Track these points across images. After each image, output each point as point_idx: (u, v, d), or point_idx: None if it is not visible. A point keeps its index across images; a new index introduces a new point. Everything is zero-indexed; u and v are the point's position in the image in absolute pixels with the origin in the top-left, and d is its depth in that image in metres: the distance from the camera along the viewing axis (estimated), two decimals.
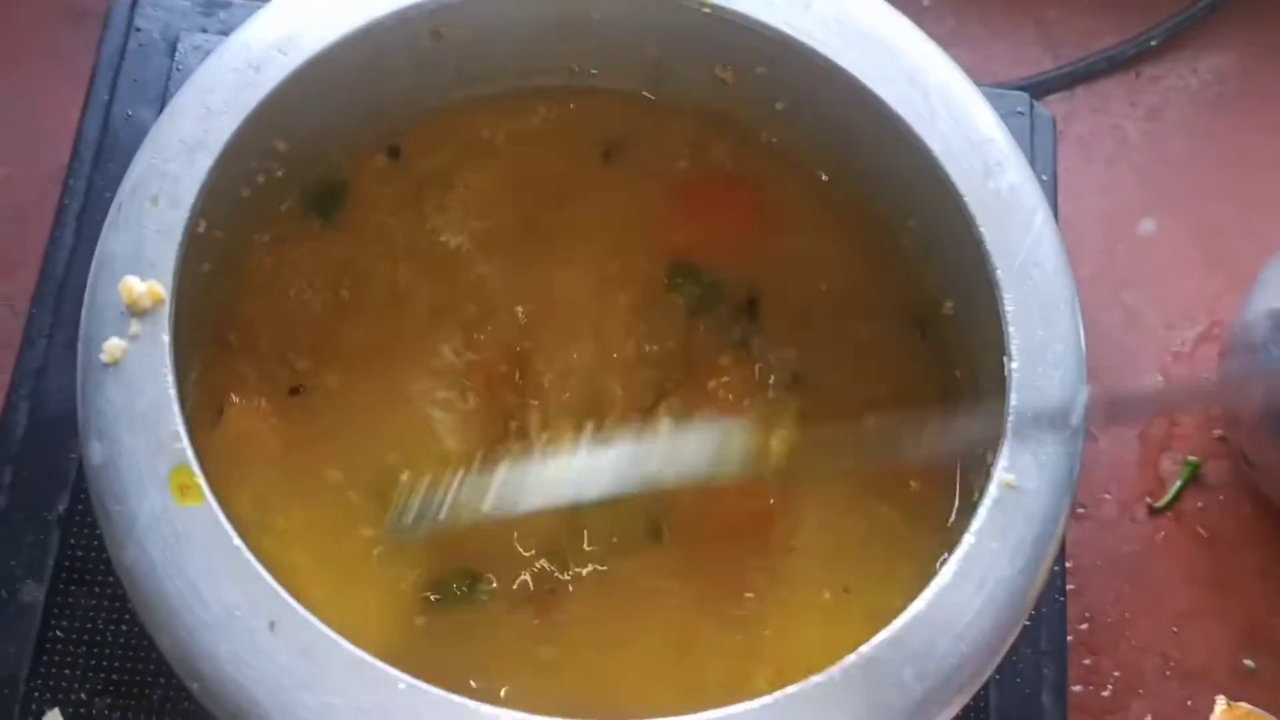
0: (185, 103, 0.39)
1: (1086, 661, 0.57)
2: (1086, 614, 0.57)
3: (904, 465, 0.45)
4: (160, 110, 0.54)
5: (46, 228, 0.57)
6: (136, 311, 0.37)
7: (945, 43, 0.45)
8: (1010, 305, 0.39)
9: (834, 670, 0.35)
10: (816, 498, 0.45)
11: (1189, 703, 0.56)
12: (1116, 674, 0.57)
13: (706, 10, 0.43)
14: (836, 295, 0.48)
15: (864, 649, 0.36)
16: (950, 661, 0.36)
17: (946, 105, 0.41)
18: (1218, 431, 0.61)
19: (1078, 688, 0.56)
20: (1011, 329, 0.39)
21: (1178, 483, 0.60)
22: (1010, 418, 0.38)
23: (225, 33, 0.55)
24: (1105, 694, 0.56)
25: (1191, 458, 0.60)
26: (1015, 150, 0.41)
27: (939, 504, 0.43)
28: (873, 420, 0.46)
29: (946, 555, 0.40)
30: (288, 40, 0.40)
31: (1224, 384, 0.35)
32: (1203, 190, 0.66)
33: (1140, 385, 0.61)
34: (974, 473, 0.43)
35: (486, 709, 0.34)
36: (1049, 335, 0.39)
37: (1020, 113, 0.57)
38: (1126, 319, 0.63)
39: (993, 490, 0.38)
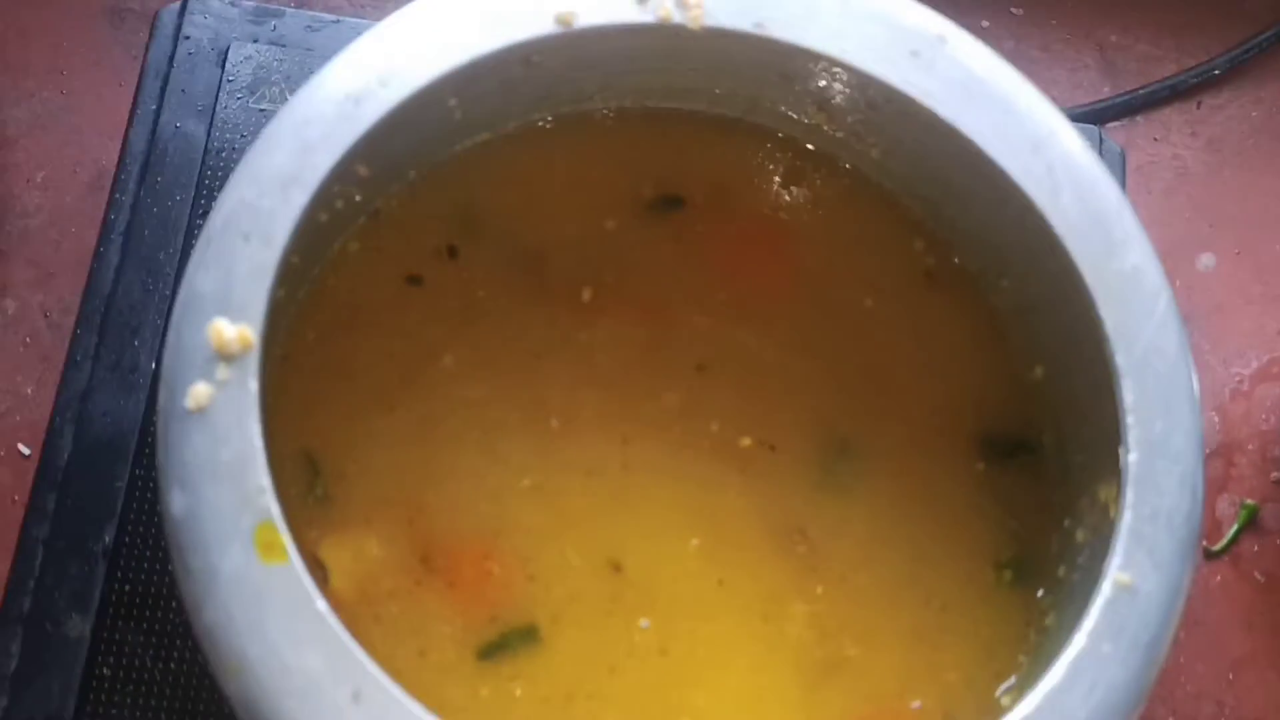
0: (279, 134, 0.37)
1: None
2: None
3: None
4: (210, 123, 0.53)
5: (84, 235, 0.56)
6: (225, 356, 0.35)
7: None
8: (1129, 394, 0.38)
9: None
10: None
11: None
12: None
13: (821, 63, 0.41)
14: (912, 352, 0.47)
15: None
16: None
17: (1071, 178, 0.40)
18: (1275, 474, 0.60)
19: None
20: (1130, 419, 0.38)
21: (1235, 526, 0.59)
22: (1126, 513, 0.37)
23: (277, 44, 0.54)
24: None
25: (1249, 500, 0.59)
26: (1138, 228, 0.40)
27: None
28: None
29: (1035, 632, 0.40)
30: (388, 73, 0.38)
31: None
32: (1263, 224, 0.65)
33: None
34: (1061, 546, 0.42)
35: None
36: (1169, 428, 0.38)
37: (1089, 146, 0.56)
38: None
39: (1106, 589, 0.37)
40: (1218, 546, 0.59)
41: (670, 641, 0.42)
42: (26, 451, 0.55)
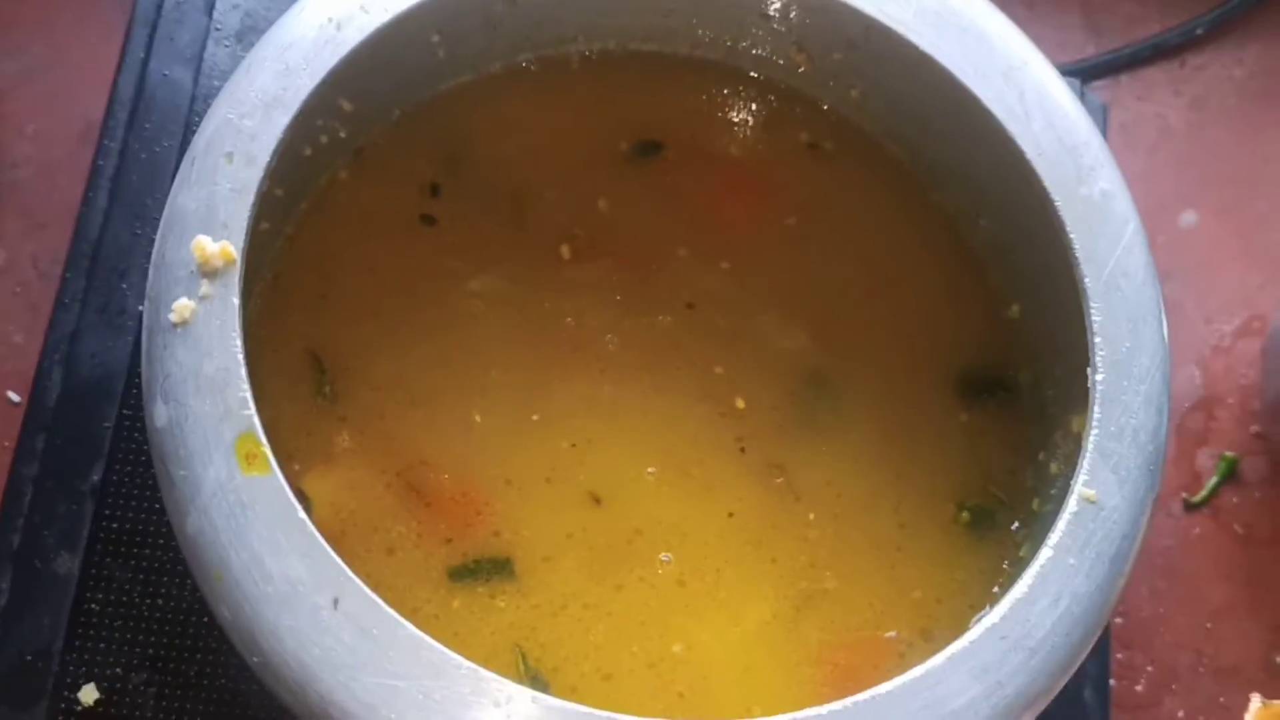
0: (263, 57, 0.38)
1: (1120, 656, 0.56)
2: (1121, 608, 0.57)
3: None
4: (197, 70, 0.53)
5: (73, 186, 0.56)
6: (207, 272, 0.36)
7: None
8: (1097, 316, 0.39)
9: (902, 680, 0.35)
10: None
11: (1221, 699, 0.56)
12: (1150, 669, 0.56)
13: None
14: (891, 293, 0.47)
15: (933, 661, 0.35)
16: (1021, 678, 0.35)
17: (1041, 106, 0.41)
18: (1255, 428, 0.60)
19: (1111, 682, 0.55)
20: (1098, 340, 0.39)
21: (1214, 478, 0.59)
22: (1093, 431, 0.37)
23: None
24: (1139, 689, 0.56)
25: (1228, 453, 0.60)
26: (1108, 156, 0.41)
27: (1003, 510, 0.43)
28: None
29: (1008, 564, 0.40)
30: None
31: None
32: (1245, 182, 0.65)
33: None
34: (1036, 479, 0.42)
35: (550, 699, 0.33)
36: (1135, 348, 0.39)
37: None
38: (1165, 311, 0.63)
39: (1071, 503, 0.37)
40: (1197, 498, 0.59)
41: (690, 576, 0.42)
42: (16, 399, 0.55)
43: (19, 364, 0.56)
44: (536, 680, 0.40)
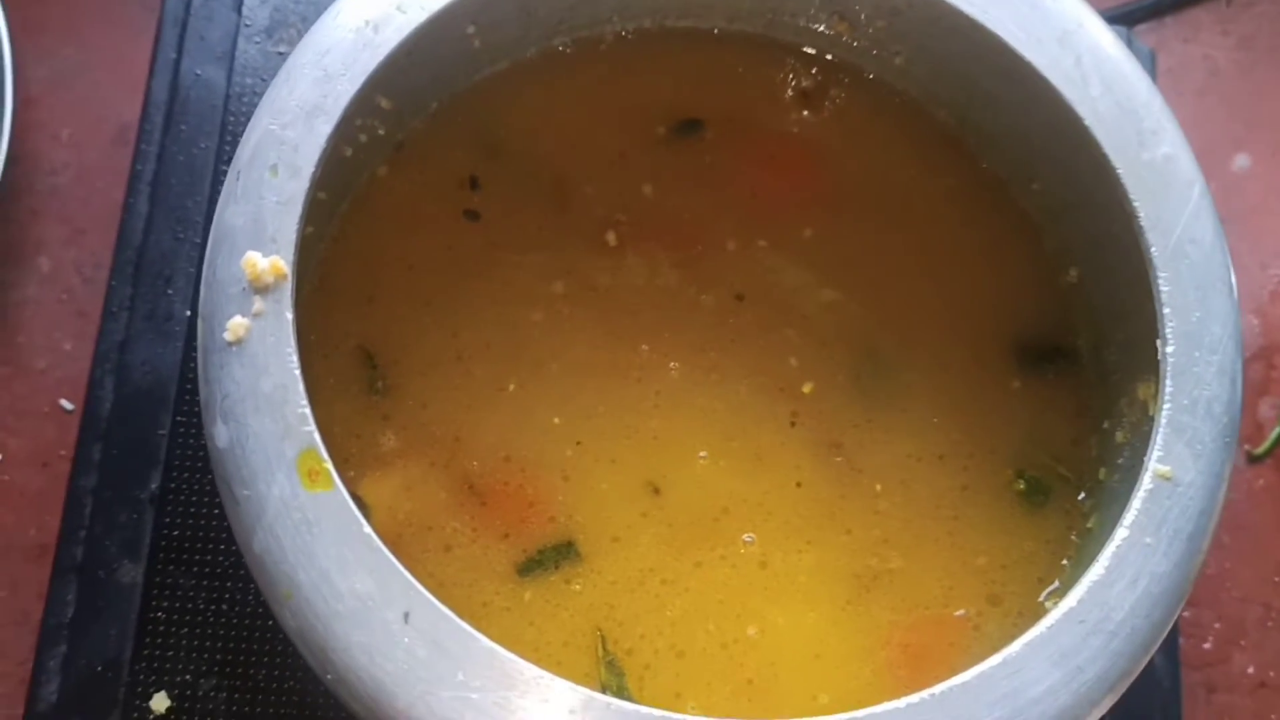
0: (301, 64, 0.37)
1: (1187, 614, 0.56)
2: None
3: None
4: (230, 68, 0.53)
5: (111, 190, 0.56)
6: (259, 288, 0.35)
7: None
8: (1165, 285, 0.38)
9: (980, 669, 0.34)
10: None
11: None
12: (1217, 625, 0.56)
13: None
14: (944, 262, 0.46)
15: (1011, 649, 0.34)
16: (1101, 662, 0.35)
17: (1099, 70, 0.39)
18: None
19: (1179, 641, 0.55)
20: (1166, 310, 0.38)
21: (1277, 428, 0.58)
22: (1165, 405, 0.37)
23: None
24: (1206, 646, 0.55)
25: None
26: (1170, 117, 0.39)
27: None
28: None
29: (1075, 536, 0.40)
30: None
31: None
32: None
33: None
34: (1101, 448, 0.41)
35: (624, 704, 0.33)
36: (1206, 317, 0.37)
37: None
38: None
39: (1146, 481, 0.36)
40: (1260, 450, 0.58)
41: (773, 557, 0.42)
42: (69, 406, 0.55)
43: (70, 370, 0.56)
44: (613, 667, 0.40)
